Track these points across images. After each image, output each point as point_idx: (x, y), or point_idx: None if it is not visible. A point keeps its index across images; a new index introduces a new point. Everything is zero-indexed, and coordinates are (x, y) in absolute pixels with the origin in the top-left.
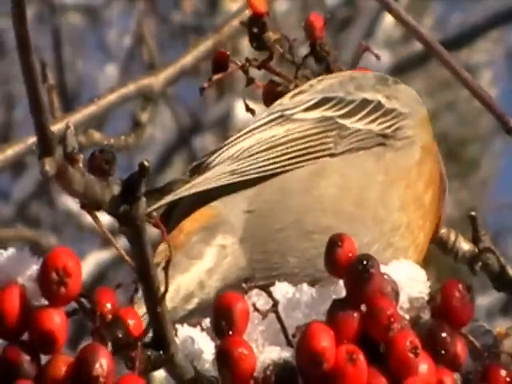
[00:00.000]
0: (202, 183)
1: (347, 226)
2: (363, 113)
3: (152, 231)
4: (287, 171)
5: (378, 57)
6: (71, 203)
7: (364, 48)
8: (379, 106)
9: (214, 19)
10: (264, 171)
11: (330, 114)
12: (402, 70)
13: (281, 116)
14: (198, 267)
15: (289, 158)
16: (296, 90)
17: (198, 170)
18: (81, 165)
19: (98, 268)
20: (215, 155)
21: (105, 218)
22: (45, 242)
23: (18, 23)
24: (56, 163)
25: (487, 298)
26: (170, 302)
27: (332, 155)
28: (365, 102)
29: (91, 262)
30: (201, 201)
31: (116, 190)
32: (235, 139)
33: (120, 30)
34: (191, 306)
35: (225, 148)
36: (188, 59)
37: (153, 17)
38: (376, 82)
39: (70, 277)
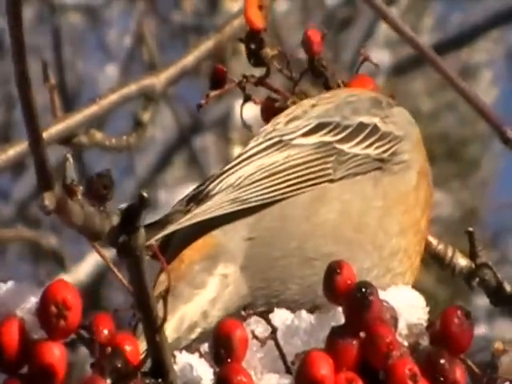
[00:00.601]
0: (203, 212)
1: (347, 252)
2: (360, 137)
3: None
4: (287, 198)
5: (377, 66)
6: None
7: (364, 57)
8: (375, 129)
9: (215, 19)
10: (265, 199)
11: (328, 139)
12: (402, 70)
13: (279, 141)
14: (201, 297)
15: (289, 185)
16: (289, 116)
17: (196, 199)
18: (79, 196)
19: (97, 269)
20: (215, 183)
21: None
22: (45, 243)
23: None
24: (55, 197)
25: (487, 299)
26: (174, 332)
27: (331, 181)
28: (361, 126)
29: (90, 263)
30: (200, 230)
31: (115, 220)
32: (234, 165)
33: (120, 30)
34: (194, 335)
35: (225, 175)
36: (189, 59)
37: (153, 17)
38: (371, 105)
39: (69, 310)
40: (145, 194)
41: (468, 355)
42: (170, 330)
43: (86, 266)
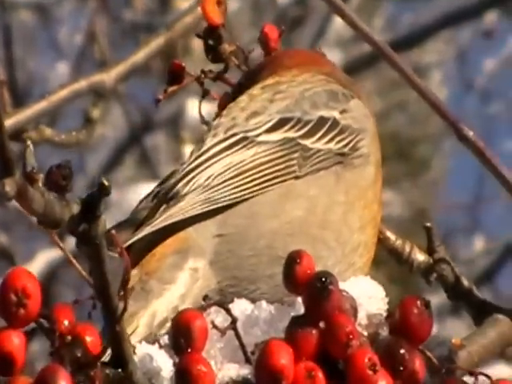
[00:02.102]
0: (177, 213)
1: (313, 249)
2: (321, 132)
3: None
4: (255, 196)
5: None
6: None
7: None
8: (335, 123)
9: (165, 17)
10: (235, 198)
11: (291, 134)
12: (353, 69)
13: (244, 138)
14: (171, 293)
15: (256, 184)
16: (247, 111)
17: (164, 197)
18: (40, 184)
19: (48, 267)
20: (183, 182)
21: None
22: None
23: None
24: (16, 184)
25: (437, 299)
26: (146, 327)
27: (297, 177)
28: (322, 121)
29: (41, 261)
30: (170, 226)
31: (75, 209)
32: (202, 163)
33: (71, 28)
34: (164, 331)
35: (193, 173)
36: (139, 56)
37: (104, 15)
38: (328, 98)
39: (29, 298)
40: (105, 182)
41: (426, 350)
42: (143, 326)
43: (37, 264)
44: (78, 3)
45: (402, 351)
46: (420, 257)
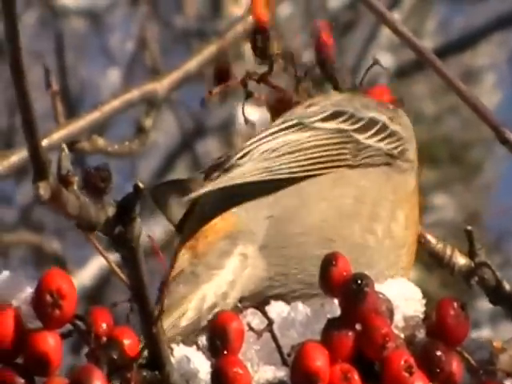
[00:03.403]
0: (238, 177)
1: (361, 238)
2: (373, 130)
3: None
4: (307, 178)
5: (386, 69)
6: None
7: (374, 61)
8: (384, 126)
9: (217, 23)
10: (292, 173)
11: (345, 127)
12: (405, 73)
13: (300, 123)
14: (220, 278)
15: (312, 163)
16: (307, 103)
17: (221, 167)
18: (75, 187)
19: (100, 272)
20: (240, 154)
21: None
22: (47, 247)
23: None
24: (50, 187)
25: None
26: (196, 311)
27: (350, 166)
28: (373, 121)
29: (94, 267)
30: (222, 204)
31: (111, 211)
32: (258, 140)
33: (123, 35)
34: (211, 316)
35: (250, 147)
36: (192, 64)
37: (155, 21)
38: (378, 104)
39: (64, 299)
40: (140, 185)
41: (466, 353)
42: (192, 310)
43: (89, 270)
44: (129, 10)
45: (439, 353)
46: (461, 260)
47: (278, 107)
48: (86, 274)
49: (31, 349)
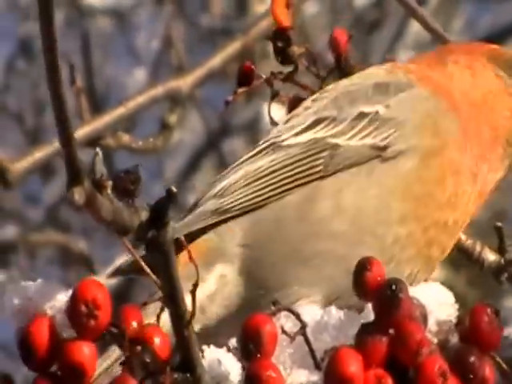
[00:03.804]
0: (187, 224)
1: (345, 246)
2: (357, 128)
3: None
4: (279, 200)
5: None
6: None
7: (389, 59)
8: (376, 116)
9: (243, 22)
10: (246, 206)
11: (320, 135)
12: None
13: (271, 144)
14: (198, 291)
15: (274, 189)
16: (290, 114)
17: (193, 206)
18: (109, 191)
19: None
20: (205, 192)
21: None
22: (74, 247)
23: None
24: (85, 192)
25: None
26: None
27: (322, 177)
28: (361, 116)
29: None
30: (197, 232)
31: (144, 215)
32: (224, 174)
33: (148, 34)
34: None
35: (213, 184)
36: (216, 61)
37: (181, 20)
38: (374, 92)
39: (99, 309)
40: (173, 189)
41: (497, 352)
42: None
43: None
44: (155, 9)
45: (472, 359)
46: (491, 256)
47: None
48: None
49: (66, 358)
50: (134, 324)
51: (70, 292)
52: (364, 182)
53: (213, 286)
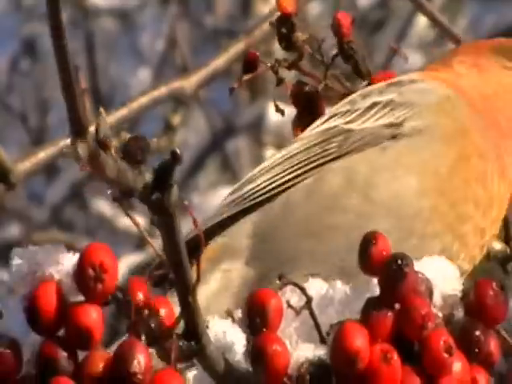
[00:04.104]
0: (211, 219)
1: (357, 219)
2: (371, 113)
3: None
4: (290, 188)
5: (406, 58)
6: (105, 207)
7: (394, 50)
8: (389, 102)
9: (247, 22)
10: (260, 195)
11: (334, 123)
12: None
13: (291, 143)
14: (204, 290)
15: (286, 175)
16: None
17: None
18: (113, 151)
19: (130, 272)
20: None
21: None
22: (78, 246)
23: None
24: (88, 147)
25: None
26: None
27: (335, 158)
28: (374, 104)
29: (124, 266)
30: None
31: (148, 177)
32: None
33: (153, 34)
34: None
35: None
36: (220, 62)
37: (185, 20)
38: (387, 86)
39: (106, 273)
40: (178, 151)
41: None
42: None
43: (120, 269)
44: (160, 9)
45: (478, 333)
46: (497, 245)
47: (303, 98)
48: None
49: (73, 322)
50: (140, 295)
51: (78, 256)
52: (377, 159)
53: (218, 284)
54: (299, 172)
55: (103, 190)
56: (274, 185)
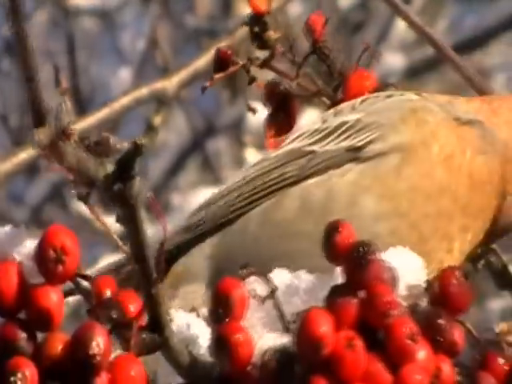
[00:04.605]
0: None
1: (311, 246)
2: (335, 134)
3: None
4: (249, 211)
5: (378, 54)
6: (85, 208)
7: (365, 47)
8: (356, 123)
9: (228, 23)
10: (217, 220)
11: (297, 145)
12: (415, 73)
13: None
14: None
15: (243, 199)
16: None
17: None
18: (74, 140)
19: (110, 272)
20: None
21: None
22: None
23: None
24: (49, 134)
25: (500, 302)
26: None
27: (294, 183)
28: (341, 124)
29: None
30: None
31: (110, 168)
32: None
33: (134, 34)
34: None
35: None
36: (201, 62)
37: (166, 20)
38: (361, 102)
39: (67, 255)
40: (139, 142)
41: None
42: None
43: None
44: (141, 9)
45: (442, 322)
46: None
47: (276, 97)
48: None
49: (33, 304)
50: (106, 286)
51: (39, 238)
52: (336, 183)
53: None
54: (256, 197)
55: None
56: (230, 209)
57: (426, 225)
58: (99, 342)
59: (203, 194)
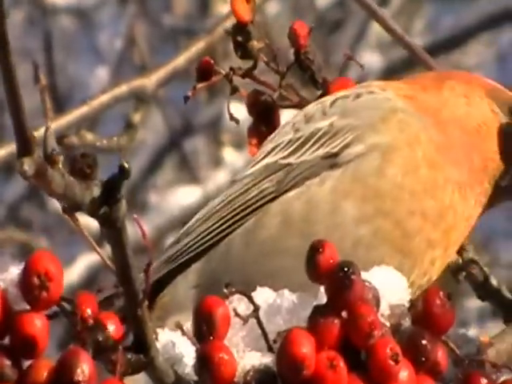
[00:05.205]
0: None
1: (296, 262)
2: (309, 143)
3: None
4: (229, 234)
5: (362, 66)
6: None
7: (348, 57)
8: (329, 128)
9: (206, 22)
10: (199, 247)
11: (272, 159)
12: (393, 72)
13: (232, 181)
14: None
15: (224, 222)
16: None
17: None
18: (60, 166)
19: (88, 271)
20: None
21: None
22: (36, 245)
23: None
24: (35, 163)
25: (478, 302)
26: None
27: (273, 198)
28: (315, 131)
29: (82, 266)
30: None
31: (96, 191)
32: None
33: (111, 33)
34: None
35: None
36: (180, 61)
37: (144, 19)
38: (331, 104)
39: (51, 281)
40: (126, 165)
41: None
42: None
43: (77, 268)
44: (118, 8)
45: (424, 342)
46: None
47: (259, 107)
48: (74, 272)
49: (18, 330)
50: (88, 308)
51: (23, 264)
52: (315, 192)
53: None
54: (237, 218)
55: None
56: (212, 234)
57: (411, 222)
58: (84, 368)
59: (180, 193)
